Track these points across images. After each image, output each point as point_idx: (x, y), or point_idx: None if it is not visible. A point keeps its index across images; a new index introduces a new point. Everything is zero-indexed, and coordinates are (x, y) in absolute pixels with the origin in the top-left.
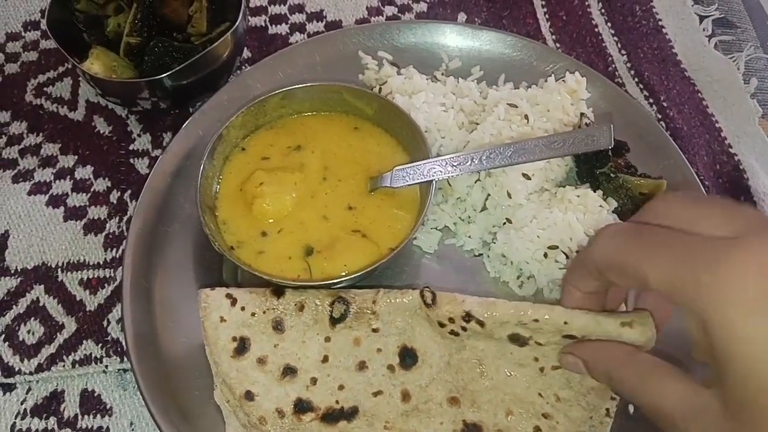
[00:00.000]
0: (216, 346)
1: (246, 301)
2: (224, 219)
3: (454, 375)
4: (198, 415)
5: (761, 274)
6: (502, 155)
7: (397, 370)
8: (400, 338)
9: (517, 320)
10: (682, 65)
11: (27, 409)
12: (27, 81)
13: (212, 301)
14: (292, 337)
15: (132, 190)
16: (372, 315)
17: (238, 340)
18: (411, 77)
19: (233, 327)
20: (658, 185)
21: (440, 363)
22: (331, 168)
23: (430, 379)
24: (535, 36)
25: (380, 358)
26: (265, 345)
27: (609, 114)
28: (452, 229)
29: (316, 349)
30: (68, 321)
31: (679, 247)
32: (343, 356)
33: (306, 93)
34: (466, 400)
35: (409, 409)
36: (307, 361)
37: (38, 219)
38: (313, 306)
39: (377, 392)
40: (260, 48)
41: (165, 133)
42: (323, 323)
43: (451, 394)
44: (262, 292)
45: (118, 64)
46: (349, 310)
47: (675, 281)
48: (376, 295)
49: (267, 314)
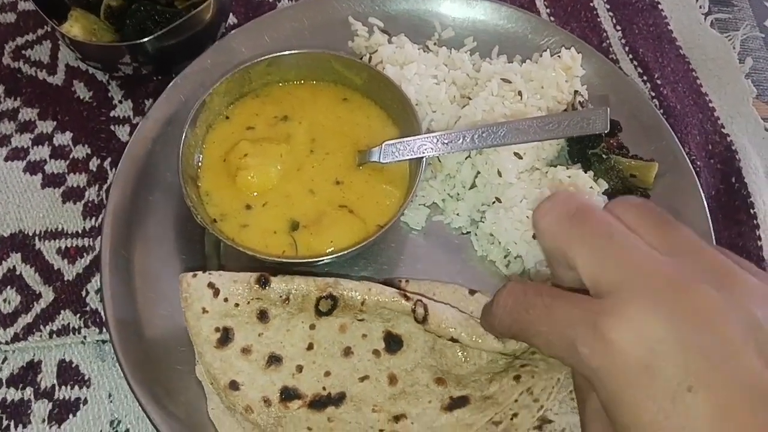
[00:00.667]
0: (198, 336)
1: (229, 292)
2: (207, 190)
3: (438, 359)
4: (179, 388)
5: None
6: (494, 135)
7: (382, 354)
8: (384, 325)
9: (510, 351)
10: (677, 43)
11: (2, 379)
12: (4, 43)
13: (194, 291)
14: (276, 325)
15: (112, 158)
16: (359, 311)
17: (221, 331)
18: (402, 46)
19: (216, 318)
20: (649, 167)
21: (425, 347)
22: (318, 140)
23: (414, 363)
24: (528, 8)
25: (365, 344)
26: (249, 334)
27: (605, 96)
28: (440, 205)
29: (300, 336)
30: (45, 290)
31: (563, 314)
32: (329, 343)
33: (293, 60)
34: (452, 381)
35: (397, 392)
36: (292, 349)
37: (15, 186)
38: (300, 298)
39: (363, 377)
40: (246, 14)
41: (147, 100)
42: (308, 312)
43: (436, 377)
44: (246, 280)
45: (99, 27)
46: (336, 305)
47: (562, 350)
48: (365, 294)
49: (251, 305)
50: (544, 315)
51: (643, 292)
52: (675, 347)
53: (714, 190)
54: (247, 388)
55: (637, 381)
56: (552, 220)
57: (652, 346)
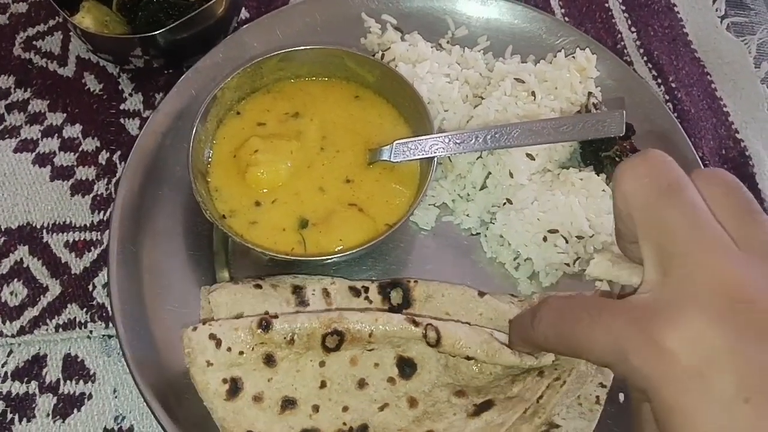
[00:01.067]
0: (207, 391)
1: (231, 341)
2: (216, 186)
3: (453, 376)
4: (184, 385)
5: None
6: (507, 135)
7: (397, 381)
8: (395, 350)
9: (519, 369)
10: (693, 46)
11: (8, 372)
12: (15, 34)
13: (195, 345)
14: (285, 368)
15: (122, 152)
16: (367, 342)
17: (229, 382)
18: (415, 44)
19: (222, 369)
20: None
21: (438, 367)
22: (329, 138)
23: (431, 384)
24: (543, 8)
25: (379, 373)
26: (258, 381)
27: (621, 99)
28: (450, 206)
29: (312, 375)
30: (52, 284)
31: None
32: (341, 378)
33: (305, 56)
34: (472, 392)
35: (419, 414)
36: (305, 390)
37: (24, 177)
38: (305, 338)
39: (383, 406)
40: (259, 9)
41: (157, 94)
42: (316, 349)
43: (455, 391)
44: (247, 325)
45: (111, 18)
46: (343, 340)
47: (613, 360)
48: (373, 324)
49: (256, 350)
50: (592, 328)
51: (706, 300)
52: (732, 358)
53: None
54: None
55: (691, 389)
56: (639, 187)
57: (709, 355)
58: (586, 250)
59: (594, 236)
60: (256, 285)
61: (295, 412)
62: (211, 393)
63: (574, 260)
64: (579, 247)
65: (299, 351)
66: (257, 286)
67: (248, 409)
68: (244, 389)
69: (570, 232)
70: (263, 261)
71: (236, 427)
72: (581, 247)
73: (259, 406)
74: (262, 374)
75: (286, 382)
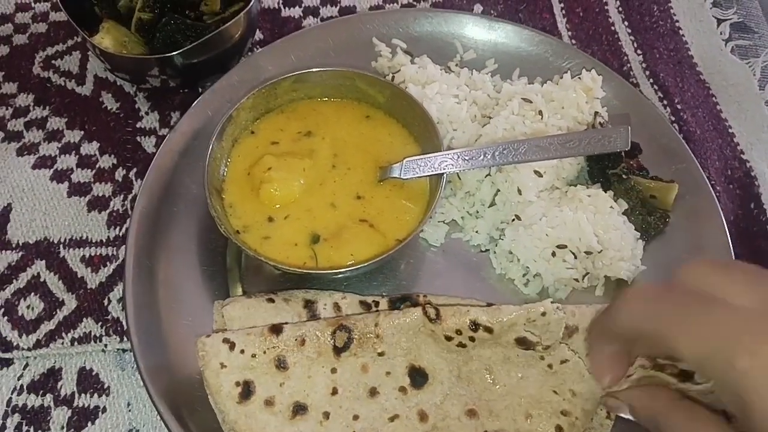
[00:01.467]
0: (219, 394)
1: (244, 344)
2: (231, 202)
3: (466, 387)
4: (198, 399)
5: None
6: (515, 152)
7: (409, 391)
8: (406, 358)
9: (525, 319)
10: (698, 68)
11: (24, 385)
12: (35, 53)
13: (210, 348)
14: (297, 373)
15: (137, 169)
16: (376, 339)
17: (241, 385)
18: (425, 67)
19: (235, 372)
20: (669, 188)
21: (450, 377)
22: (340, 156)
23: (443, 395)
24: (550, 31)
25: (390, 382)
26: (270, 386)
27: (626, 115)
28: (459, 223)
29: (323, 382)
30: (68, 298)
31: (713, 320)
32: (353, 385)
33: (318, 78)
34: (484, 411)
35: (429, 429)
36: (316, 396)
37: (42, 193)
38: (315, 338)
39: (393, 417)
40: (272, 30)
41: (173, 112)
42: (327, 355)
43: (467, 407)
44: (260, 331)
45: (129, 39)
46: (352, 337)
47: (709, 358)
48: (377, 317)
49: (268, 354)
50: (691, 314)
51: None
52: None
53: (733, 215)
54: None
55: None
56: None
57: None
58: (594, 266)
59: (602, 252)
60: (269, 299)
61: (305, 418)
62: (224, 395)
63: (583, 275)
64: (588, 262)
65: (311, 356)
66: (270, 300)
67: (260, 413)
68: (256, 393)
69: (578, 247)
70: (276, 276)
71: (247, 430)
72: (590, 263)
73: (271, 411)
74: (274, 379)
75: (297, 388)
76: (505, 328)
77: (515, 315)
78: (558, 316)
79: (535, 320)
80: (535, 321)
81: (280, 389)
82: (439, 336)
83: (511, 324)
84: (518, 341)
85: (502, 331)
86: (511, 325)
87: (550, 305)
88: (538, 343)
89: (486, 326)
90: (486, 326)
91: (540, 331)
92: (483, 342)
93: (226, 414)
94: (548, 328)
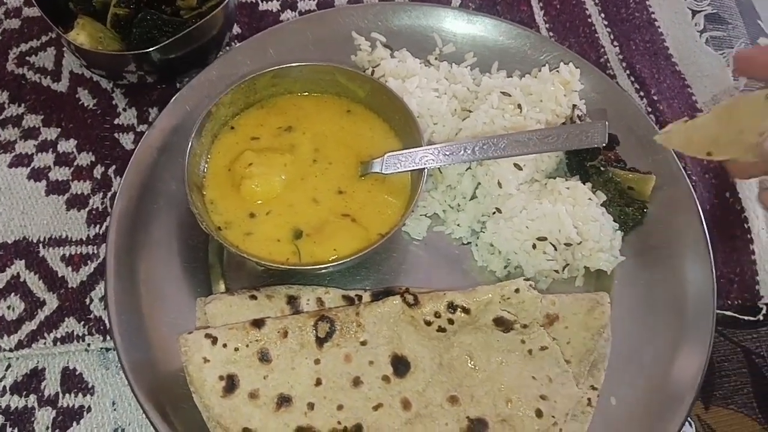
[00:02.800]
0: (203, 388)
1: (227, 338)
2: (212, 199)
3: (448, 374)
4: (183, 396)
5: None
6: (495, 147)
7: (392, 379)
8: (389, 347)
9: (500, 296)
10: (673, 59)
11: (6, 387)
12: (8, 49)
13: (192, 344)
14: (280, 366)
15: (116, 166)
16: (357, 327)
17: (225, 379)
18: (404, 60)
19: (218, 366)
20: (646, 180)
21: (432, 365)
22: (321, 150)
23: (426, 383)
24: (528, 23)
25: (373, 371)
26: (254, 378)
27: (603, 110)
28: (441, 216)
29: (307, 373)
30: (50, 297)
31: None
32: (336, 376)
33: (298, 72)
34: (465, 397)
35: (412, 417)
36: (300, 388)
37: (19, 192)
38: (297, 330)
39: (377, 405)
40: (250, 24)
41: (151, 108)
42: (310, 346)
43: (449, 394)
44: (242, 326)
45: (105, 35)
46: (334, 327)
47: None
48: (358, 307)
49: (251, 347)
50: None
51: None
52: None
53: (709, 204)
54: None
55: None
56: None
57: None
58: (574, 257)
59: (582, 243)
60: (252, 296)
61: (290, 409)
62: (208, 390)
63: (563, 267)
64: (567, 254)
65: (294, 348)
66: (252, 297)
67: (244, 406)
68: (240, 386)
69: (558, 239)
70: (258, 272)
71: (233, 424)
72: (569, 254)
73: (255, 403)
74: (258, 371)
75: (281, 380)
76: (481, 308)
77: (490, 294)
78: (532, 293)
79: (510, 298)
80: (510, 299)
81: (264, 382)
82: (419, 323)
83: (487, 303)
84: (496, 322)
85: (479, 312)
86: (487, 303)
87: (523, 282)
88: (515, 322)
89: (463, 306)
90: (463, 306)
91: (516, 309)
92: (463, 326)
93: (210, 408)
94: (523, 306)
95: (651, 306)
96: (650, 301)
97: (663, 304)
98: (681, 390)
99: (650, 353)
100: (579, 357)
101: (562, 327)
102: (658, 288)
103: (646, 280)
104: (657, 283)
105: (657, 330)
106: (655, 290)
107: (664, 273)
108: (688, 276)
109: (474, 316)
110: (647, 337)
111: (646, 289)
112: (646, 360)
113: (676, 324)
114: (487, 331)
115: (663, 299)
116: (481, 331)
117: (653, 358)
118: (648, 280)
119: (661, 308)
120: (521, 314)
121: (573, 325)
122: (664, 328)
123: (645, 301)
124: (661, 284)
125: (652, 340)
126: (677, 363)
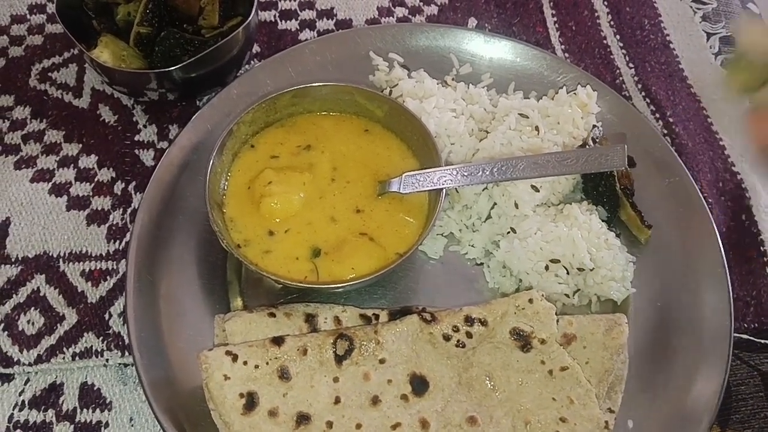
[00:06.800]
0: (224, 405)
1: (247, 355)
2: (231, 216)
3: (467, 394)
4: (201, 413)
5: None
6: (513, 168)
7: (410, 398)
8: (407, 366)
9: (515, 306)
10: (689, 81)
11: (25, 401)
12: (31, 65)
13: (212, 361)
14: (299, 383)
15: (136, 182)
16: (376, 346)
17: (245, 396)
18: (422, 81)
19: (239, 383)
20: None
21: (451, 384)
22: (340, 169)
23: (444, 402)
24: (544, 45)
25: (392, 389)
26: (273, 396)
27: (622, 134)
28: (457, 236)
29: (326, 391)
30: (69, 312)
31: None
32: (355, 394)
33: (318, 92)
34: (484, 417)
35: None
36: (319, 406)
37: (40, 207)
38: (316, 348)
39: (395, 425)
40: (269, 43)
41: (171, 125)
42: (329, 364)
43: (468, 414)
44: (261, 343)
45: (128, 53)
46: (353, 345)
47: None
48: (376, 326)
49: (271, 364)
50: None
51: None
52: None
53: (725, 227)
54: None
55: None
56: None
57: None
58: (585, 283)
59: (594, 270)
60: (270, 314)
61: (309, 427)
62: (228, 407)
63: (573, 291)
64: (579, 279)
65: (313, 365)
66: (271, 315)
67: (264, 424)
68: (260, 404)
69: (571, 263)
70: (276, 289)
71: None
72: (581, 280)
73: (275, 421)
74: (278, 389)
75: (300, 398)
76: (498, 320)
77: (505, 304)
78: (545, 304)
79: (524, 308)
80: (525, 309)
81: (284, 399)
82: (438, 340)
83: (502, 313)
84: (514, 335)
85: (496, 324)
86: (503, 314)
87: (536, 293)
88: (533, 335)
89: (480, 319)
90: (480, 319)
91: (531, 321)
92: (482, 342)
93: (230, 426)
94: (539, 318)
95: (668, 328)
96: (667, 323)
97: (680, 326)
98: (698, 413)
99: (667, 376)
100: (598, 377)
101: (581, 347)
102: (675, 310)
103: (663, 302)
104: (674, 306)
105: (674, 352)
106: (672, 313)
107: (681, 295)
108: (705, 298)
109: (491, 329)
110: (664, 359)
111: (663, 312)
112: (663, 383)
113: (693, 347)
114: (506, 351)
115: (680, 322)
116: (500, 351)
117: (670, 380)
118: (665, 302)
119: (678, 331)
120: (537, 326)
121: (591, 344)
122: (681, 351)
123: (662, 324)
124: (677, 306)
125: (670, 362)
126: (694, 386)
